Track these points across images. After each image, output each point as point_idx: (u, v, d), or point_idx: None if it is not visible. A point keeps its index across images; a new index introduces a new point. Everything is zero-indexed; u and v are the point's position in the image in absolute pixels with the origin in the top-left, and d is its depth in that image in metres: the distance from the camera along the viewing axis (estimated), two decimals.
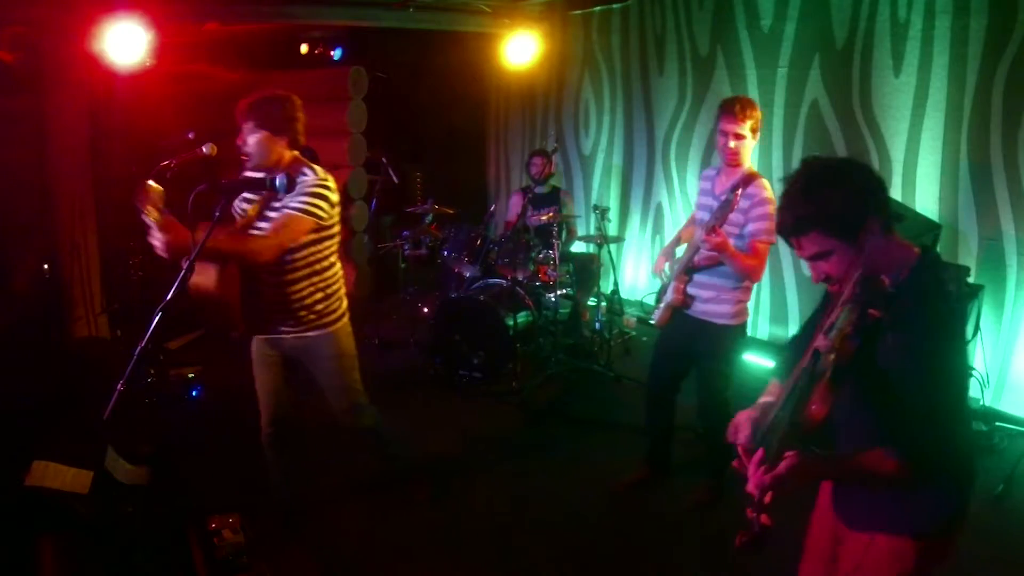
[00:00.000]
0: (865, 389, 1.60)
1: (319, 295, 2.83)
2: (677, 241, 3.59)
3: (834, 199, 1.53)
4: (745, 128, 3.12)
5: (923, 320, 1.51)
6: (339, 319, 2.96)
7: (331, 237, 2.81)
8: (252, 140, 2.66)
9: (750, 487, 1.56)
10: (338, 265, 2.95)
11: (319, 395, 3.08)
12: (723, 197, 3.13)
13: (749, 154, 3.23)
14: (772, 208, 3.11)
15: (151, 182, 2.37)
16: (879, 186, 1.58)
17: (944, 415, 1.52)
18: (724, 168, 3.28)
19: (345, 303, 3.01)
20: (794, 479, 1.50)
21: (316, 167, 2.76)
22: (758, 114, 3.15)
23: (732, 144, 3.13)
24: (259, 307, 2.74)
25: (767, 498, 1.53)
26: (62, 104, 4.44)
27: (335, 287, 2.92)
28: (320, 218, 2.67)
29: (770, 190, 3.15)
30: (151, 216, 2.34)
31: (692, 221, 3.50)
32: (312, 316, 2.85)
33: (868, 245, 1.55)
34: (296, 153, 2.80)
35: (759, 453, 1.58)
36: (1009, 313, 4.15)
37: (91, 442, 3.26)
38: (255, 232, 2.67)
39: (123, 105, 5.55)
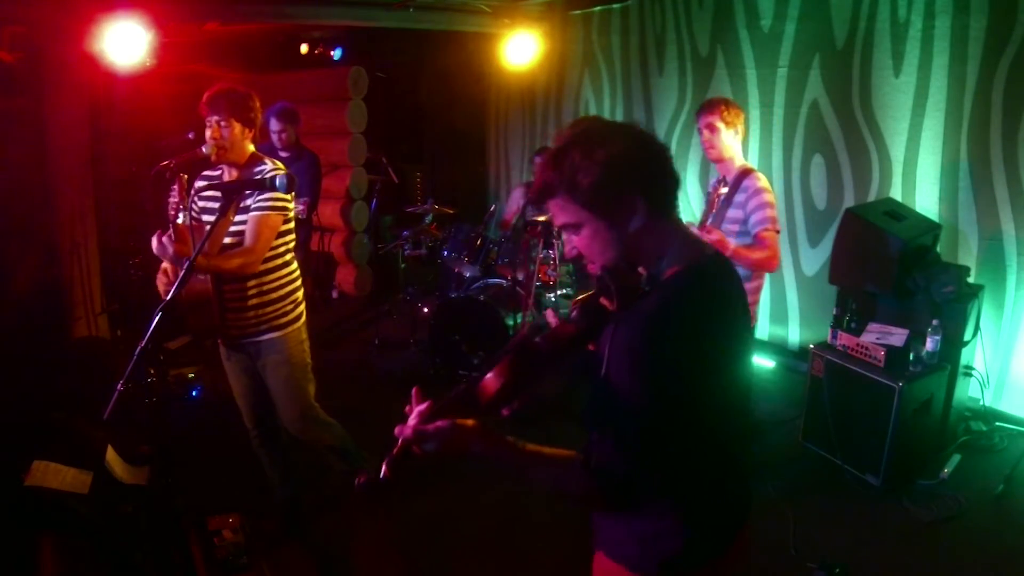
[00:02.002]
0: (592, 388, 1.42)
1: (269, 296, 2.78)
2: None
3: (583, 164, 1.31)
4: (714, 119, 3.24)
5: (648, 334, 1.29)
6: (290, 323, 2.86)
7: (287, 234, 2.79)
8: (227, 132, 2.67)
9: (396, 430, 1.39)
10: (293, 267, 2.89)
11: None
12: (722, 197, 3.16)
13: (729, 147, 3.31)
14: (770, 197, 3.20)
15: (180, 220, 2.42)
16: (648, 160, 1.36)
17: (643, 448, 1.30)
18: (717, 168, 3.38)
19: (300, 309, 2.93)
20: (439, 441, 1.35)
21: (270, 160, 2.77)
22: (734, 109, 3.27)
23: (705, 135, 3.28)
24: (211, 310, 2.71)
25: (397, 449, 1.38)
26: (62, 104, 4.44)
27: (288, 288, 2.85)
28: (287, 210, 2.70)
29: (765, 181, 3.25)
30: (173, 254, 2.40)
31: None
32: (261, 317, 2.78)
33: (631, 227, 1.34)
34: (253, 148, 2.81)
35: (427, 403, 1.40)
36: (1009, 313, 4.15)
37: (91, 442, 3.26)
38: (233, 242, 2.68)
39: (123, 105, 5.56)
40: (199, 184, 2.78)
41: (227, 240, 2.71)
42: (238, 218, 2.69)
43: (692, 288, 1.36)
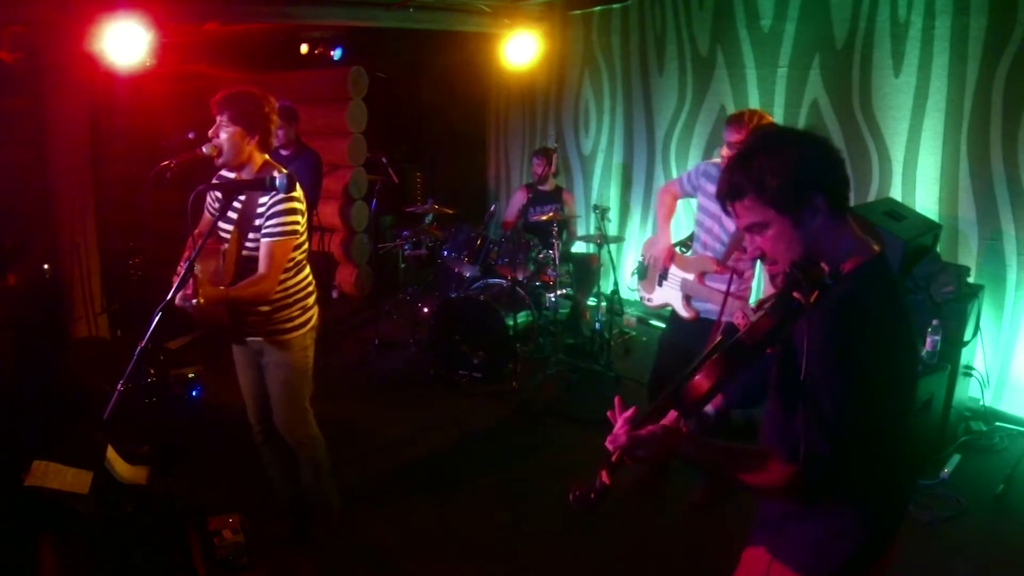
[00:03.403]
0: (780, 383, 1.49)
1: (278, 303, 2.77)
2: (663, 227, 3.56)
3: (770, 166, 1.40)
4: (737, 139, 3.03)
5: (844, 320, 1.36)
6: (295, 329, 2.85)
7: (298, 247, 2.77)
8: (224, 135, 2.65)
9: (608, 440, 1.44)
10: (305, 273, 2.88)
11: (312, 398, 3.05)
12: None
13: None
14: None
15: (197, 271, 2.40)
16: (828, 163, 1.45)
17: (846, 431, 1.35)
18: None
19: (309, 315, 2.91)
20: (652, 446, 1.40)
21: (282, 169, 2.71)
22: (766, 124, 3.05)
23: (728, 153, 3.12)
24: (219, 312, 2.72)
25: (614, 456, 1.43)
26: (62, 104, 4.44)
27: (296, 296, 2.84)
28: (298, 232, 2.69)
29: None
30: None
31: (670, 195, 3.53)
32: (266, 322, 2.78)
33: (812, 226, 1.43)
34: (267, 157, 2.78)
35: (631, 410, 1.47)
36: (1009, 313, 4.15)
37: (91, 442, 3.26)
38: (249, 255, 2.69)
39: (123, 105, 5.56)
40: (213, 193, 2.78)
41: (245, 252, 2.71)
42: (250, 244, 2.69)
43: (873, 279, 1.44)
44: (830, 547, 1.49)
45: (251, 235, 2.69)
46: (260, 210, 2.65)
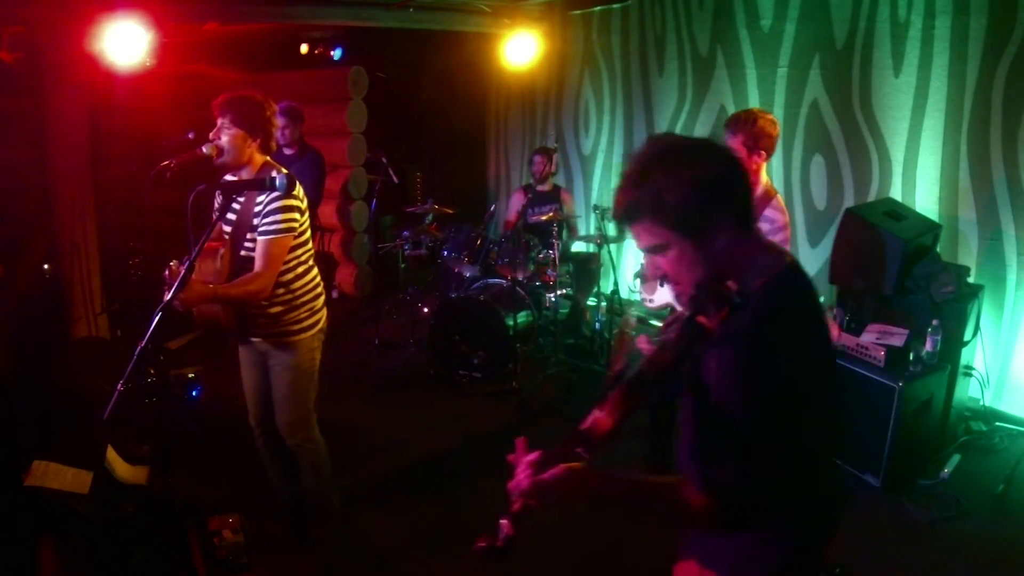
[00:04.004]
0: (695, 410, 1.39)
1: (283, 306, 2.77)
2: None
3: (669, 186, 1.28)
4: (735, 143, 3.03)
5: (756, 344, 1.28)
6: (302, 331, 2.84)
7: (301, 246, 2.77)
8: (226, 137, 2.66)
9: (510, 486, 1.34)
10: (312, 275, 2.88)
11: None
12: None
13: (755, 168, 3.11)
14: (788, 226, 3.07)
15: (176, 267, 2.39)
16: (732, 177, 1.33)
17: (763, 458, 1.29)
18: None
19: (317, 317, 2.90)
20: (559, 491, 1.30)
21: (283, 169, 2.73)
22: (758, 128, 3.05)
23: (744, 156, 3.04)
24: (229, 310, 2.72)
25: (516, 505, 1.34)
26: (62, 104, 4.44)
27: (304, 298, 2.83)
28: (295, 230, 2.68)
29: (785, 211, 3.11)
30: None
31: None
32: (273, 323, 2.78)
33: (717, 244, 1.32)
34: (267, 158, 2.79)
35: (535, 454, 1.35)
36: (1009, 313, 4.15)
37: (91, 442, 3.26)
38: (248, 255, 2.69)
39: (123, 105, 5.56)
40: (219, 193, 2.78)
41: (243, 253, 2.71)
42: (248, 244, 2.69)
43: (784, 298, 1.36)
44: (759, 554, 1.44)
45: (249, 235, 2.69)
46: (257, 209, 2.65)
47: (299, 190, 2.71)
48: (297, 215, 2.69)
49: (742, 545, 1.45)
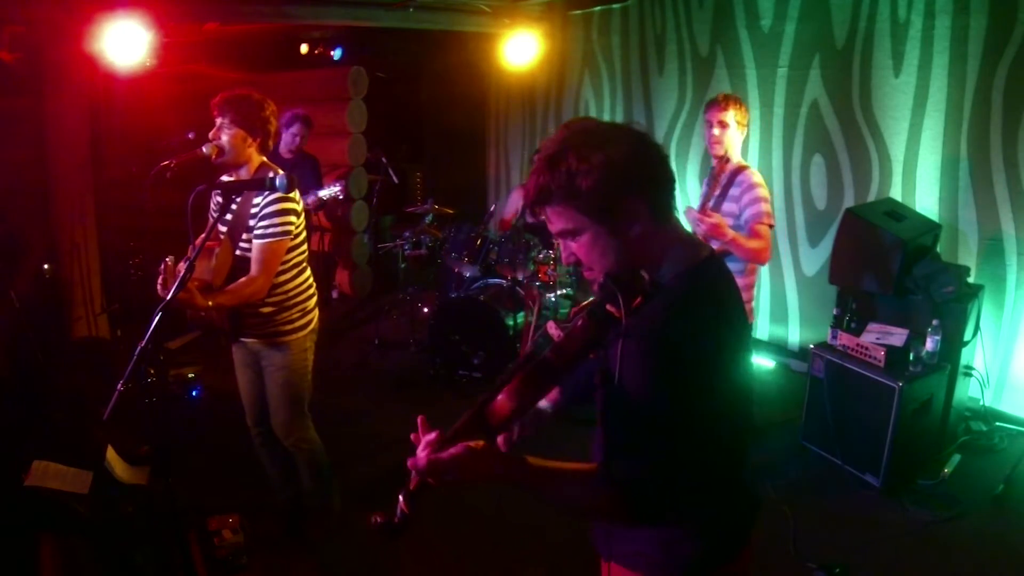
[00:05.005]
0: (603, 400, 1.36)
1: (275, 306, 2.76)
2: None
3: (581, 170, 1.25)
4: (728, 116, 3.29)
5: (663, 336, 1.25)
6: (295, 331, 2.84)
7: (295, 248, 2.77)
8: (225, 137, 2.66)
9: (408, 463, 1.32)
10: (305, 276, 2.88)
11: (312, 398, 3.05)
12: (716, 193, 3.25)
13: (735, 146, 3.37)
14: (764, 192, 3.32)
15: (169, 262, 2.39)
16: (648, 163, 1.30)
17: (666, 452, 1.27)
18: (714, 166, 3.43)
19: (310, 318, 2.90)
20: (456, 470, 1.27)
21: (279, 170, 2.71)
22: (744, 108, 3.34)
23: (716, 131, 3.32)
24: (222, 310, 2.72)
25: (413, 482, 1.33)
26: (62, 104, 4.44)
27: (297, 299, 2.83)
28: (291, 233, 2.68)
29: (759, 176, 3.34)
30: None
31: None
32: (265, 323, 2.78)
33: (631, 232, 1.30)
34: (264, 159, 2.78)
35: (435, 433, 1.32)
36: (1009, 313, 4.15)
37: (91, 442, 3.26)
38: (247, 273, 2.68)
39: (123, 105, 5.56)
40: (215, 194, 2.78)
41: (239, 253, 2.71)
42: (243, 245, 2.69)
43: (695, 291, 1.33)
44: (676, 549, 1.43)
45: (245, 236, 2.69)
46: (253, 211, 2.65)
47: (295, 192, 2.71)
48: (294, 218, 2.69)
49: (659, 540, 1.44)
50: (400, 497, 1.34)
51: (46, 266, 4.57)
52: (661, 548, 1.44)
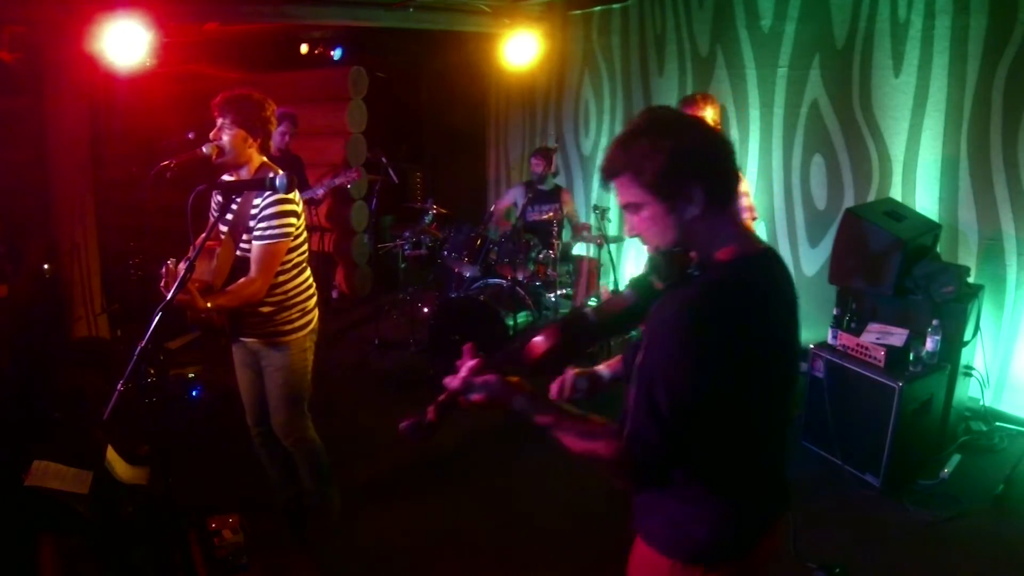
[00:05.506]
0: (637, 364, 1.46)
1: (275, 306, 2.76)
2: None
3: (650, 151, 1.39)
4: (706, 114, 3.38)
5: (693, 311, 1.35)
6: (294, 331, 2.84)
7: (295, 249, 2.76)
8: (226, 137, 2.65)
9: (445, 380, 1.51)
10: (305, 276, 2.88)
11: (312, 398, 3.05)
12: None
13: None
14: (746, 186, 3.40)
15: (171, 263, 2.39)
16: (712, 154, 1.43)
17: (677, 420, 1.33)
18: None
19: (309, 318, 2.90)
20: (485, 392, 1.47)
21: (279, 170, 2.70)
22: (717, 105, 3.47)
23: None
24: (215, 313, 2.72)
25: (444, 395, 1.50)
26: (62, 104, 4.44)
27: (296, 299, 2.83)
28: (291, 235, 2.68)
29: (745, 181, 3.46)
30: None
31: None
32: (264, 323, 2.78)
33: (689, 213, 1.41)
34: (264, 159, 2.78)
35: (478, 360, 1.50)
36: (1009, 313, 4.15)
37: (91, 442, 3.26)
38: (247, 274, 2.68)
39: (123, 105, 5.56)
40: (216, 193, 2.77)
41: (239, 253, 2.71)
42: (244, 245, 2.69)
43: (737, 276, 1.42)
44: (687, 530, 1.50)
45: (245, 236, 2.68)
46: (253, 211, 2.65)
47: (295, 193, 2.71)
48: (293, 219, 2.68)
49: (673, 520, 1.52)
50: (429, 408, 1.49)
51: (46, 266, 4.57)
52: (673, 527, 1.51)
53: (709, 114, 3.39)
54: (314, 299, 2.95)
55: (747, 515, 1.52)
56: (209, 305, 2.47)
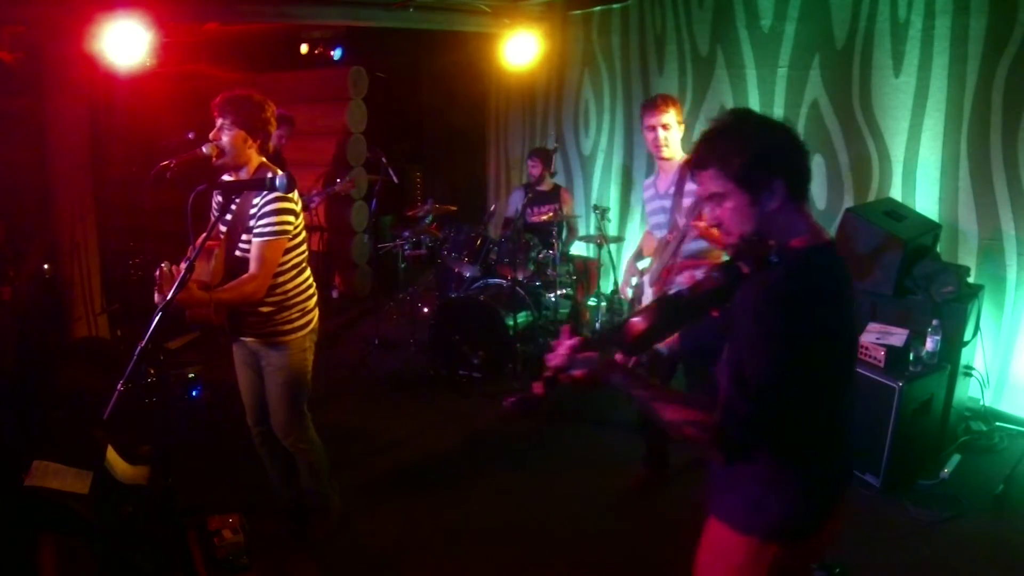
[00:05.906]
0: (729, 345, 1.58)
1: (275, 306, 2.76)
2: (638, 255, 3.67)
3: (737, 145, 1.54)
4: (669, 117, 3.34)
5: (775, 294, 1.48)
6: (294, 331, 2.84)
7: (294, 248, 2.76)
8: (226, 137, 2.65)
9: (547, 358, 1.64)
10: (305, 276, 2.87)
11: (312, 398, 3.05)
12: (671, 190, 3.34)
13: (678, 144, 3.44)
14: None
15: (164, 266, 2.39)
16: (792, 152, 1.56)
17: (763, 396, 1.45)
18: (660, 165, 3.50)
19: (309, 318, 2.90)
20: (586, 367, 1.58)
21: (278, 170, 2.69)
22: (680, 106, 3.41)
23: (662, 135, 3.36)
24: (221, 309, 2.70)
25: (549, 371, 1.61)
26: (62, 104, 4.44)
27: (296, 299, 2.83)
28: (289, 233, 2.68)
29: None
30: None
31: (649, 233, 3.65)
32: (264, 323, 2.77)
33: (769, 205, 1.54)
34: (263, 159, 2.78)
35: (576, 339, 1.63)
36: (1009, 313, 4.15)
37: (91, 442, 3.26)
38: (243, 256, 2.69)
39: (123, 105, 5.56)
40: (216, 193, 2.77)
41: (238, 253, 2.71)
42: (243, 245, 2.69)
43: (813, 262, 1.55)
44: (761, 504, 1.59)
45: (244, 235, 2.69)
46: (253, 211, 2.65)
47: (295, 192, 2.71)
48: (292, 218, 2.69)
49: (746, 493, 1.61)
50: (536, 384, 1.63)
51: (46, 266, 4.57)
52: (753, 504, 1.60)
53: (672, 115, 3.33)
54: (314, 299, 2.95)
55: (820, 494, 1.62)
56: (212, 299, 2.48)
